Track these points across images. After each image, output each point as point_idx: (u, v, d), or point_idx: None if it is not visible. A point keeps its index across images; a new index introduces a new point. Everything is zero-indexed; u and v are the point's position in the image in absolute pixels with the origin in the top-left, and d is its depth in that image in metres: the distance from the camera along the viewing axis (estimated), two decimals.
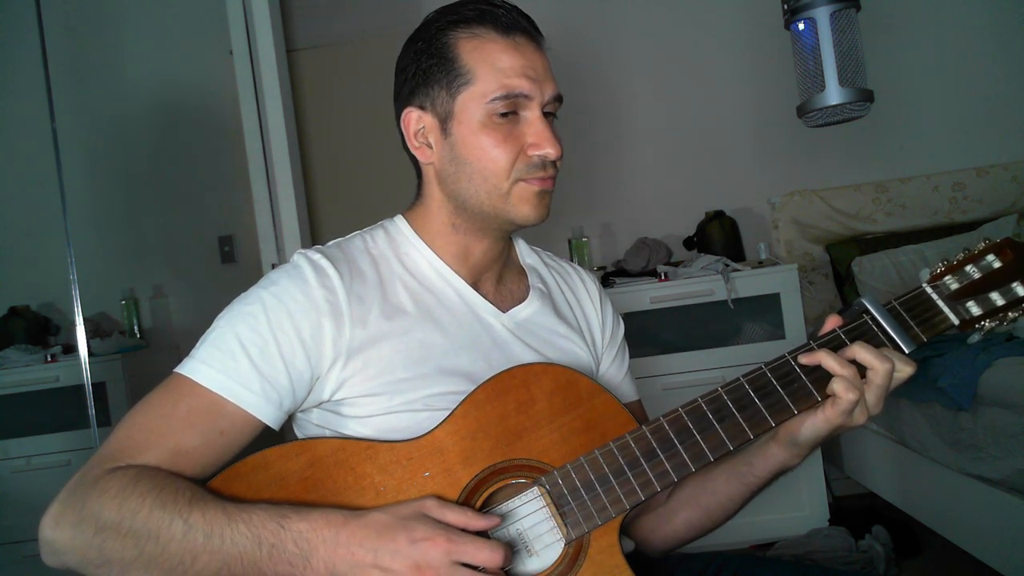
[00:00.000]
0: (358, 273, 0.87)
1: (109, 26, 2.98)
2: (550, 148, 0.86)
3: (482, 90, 0.85)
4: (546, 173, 0.88)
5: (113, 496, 0.72)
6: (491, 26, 0.87)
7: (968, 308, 0.84)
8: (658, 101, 2.95)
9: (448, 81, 0.87)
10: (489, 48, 0.86)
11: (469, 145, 0.87)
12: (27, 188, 2.88)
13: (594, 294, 1.06)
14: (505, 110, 0.86)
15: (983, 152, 2.80)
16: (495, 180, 0.87)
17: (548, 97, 0.88)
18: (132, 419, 0.79)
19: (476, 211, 0.89)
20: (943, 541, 1.97)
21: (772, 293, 2.45)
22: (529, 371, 0.83)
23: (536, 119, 0.87)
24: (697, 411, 0.81)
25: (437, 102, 0.88)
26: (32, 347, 2.63)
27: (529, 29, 0.89)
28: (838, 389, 0.79)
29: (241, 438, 0.80)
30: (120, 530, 0.71)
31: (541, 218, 0.90)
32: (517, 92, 0.85)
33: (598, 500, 0.79)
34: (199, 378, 0.79)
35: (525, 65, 0.86)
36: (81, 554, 0.72)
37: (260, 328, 0.81)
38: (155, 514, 0.71)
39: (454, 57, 0.87)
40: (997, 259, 0.85)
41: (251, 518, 0.72)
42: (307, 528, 0.71)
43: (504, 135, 0.86)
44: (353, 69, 3.02)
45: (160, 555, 0.71)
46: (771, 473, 0.88)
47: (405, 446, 0.80)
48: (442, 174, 0.90)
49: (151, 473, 0.74)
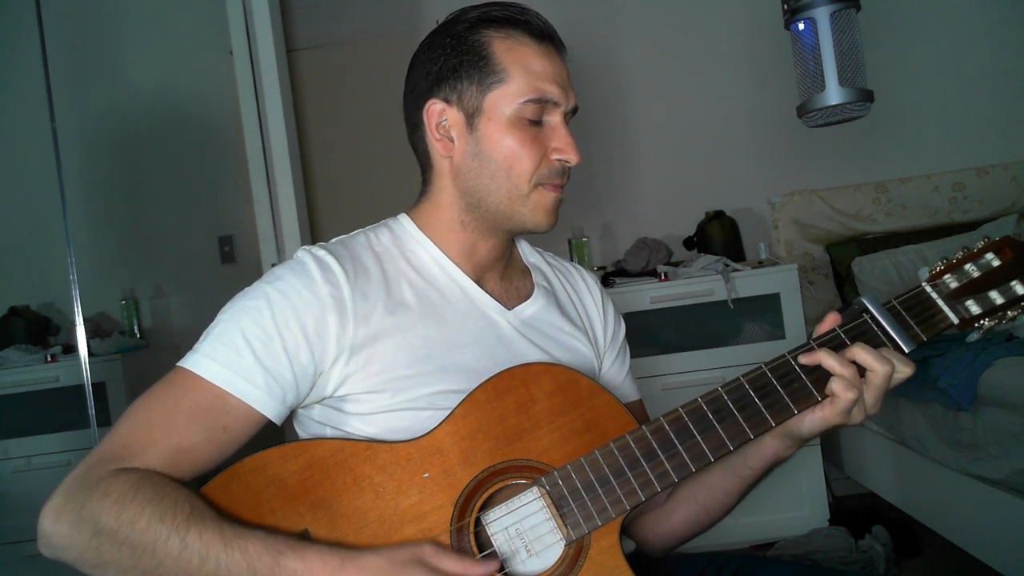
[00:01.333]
0: (362, 269, 0.88)
1: (109, 26, 2.98)
2: (573, 155, 0.89)
3: (515, 90, 0.87)
4: (562, 180, 0.91)
5: (114, 501, 0.72)
6: (525, 30, 0.89)
7: (967, 307, 0.84)
8: (658, 101, 2.95)
9: (480, 77, 0.88)
10: (524, 51, 0.88)
11: (495, 142, 0.88)
12: (27, 188, 2.88)
13: (596, 294, 1.06)
14: (534, 116, 0.88)
15: (983, 152, 2.80)
16: (517, 180, 0.88)
17: (571, 106, 0.91)
18: (135, 414, 0.79)
19: (491, 209, 0.90)
20: (943, 541, 1.97)
21: (772, 293, 2.45)
22: (529, 371, 0.83)
23: (561, 125, 0.90)
24: (697, 411, 0.81)
25: (465, 96, 0.89)
26: (32, 347, 2.63)
27: (557, 39, 0.92)
28: (837, 389, 0.79)
29: (243, 434, 0.80)
30: (117, 537, 0.71)
31: (551, 226, 0.92)
32: (548, 97, 0.88)
33: (598, 501, 0.78)
34: (203, 372, 0.79)
35: (556, 72, 0.89)
36: (78, 552, 0.72)
37: (264, 323, 0.81)
38: (153, 527, 0.71)
39: (488, 55, 0.88)
40: (996, 257, 0.85)
41: (247, 546, 0.71)
42: (302, 568, 0.71)
43: (531, 137, 0.88)
44: (353, 69, 3.02)
45: (156, 568, 0.71)
46: (766, 465, 0.88)
47: (404, 447, 0.80)
48: (460, 168, 0.91)
49: (152, 480, 0.74)
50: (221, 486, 0.78)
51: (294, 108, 2.67)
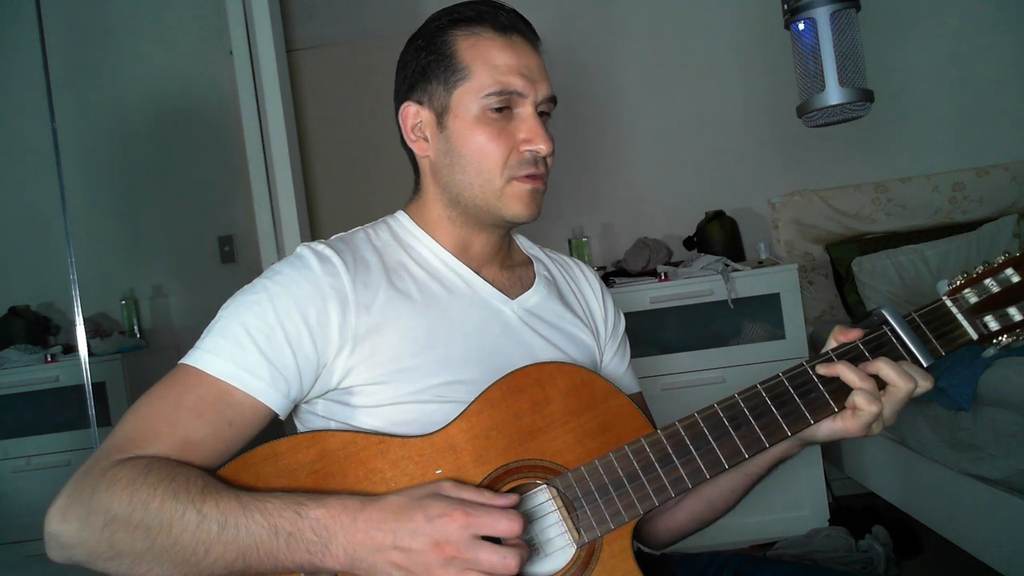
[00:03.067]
0: (362, 261, 0.88)
1: (109, 26, 2.97)
2: (542, 144, 0.88)
3: (477, 85, 0.88)
4: (537, 170, 0.90)
5: (123, 487, 0.71)
6: (489, 25, 0.89)
7: (986, 322, 0.83)
8: (658, 101, 2.95)
9: (446, 77, 0.89)
10: (486, 46, 0.89)
11: (463, 139, 0.89)
12: (27, 188, 2.88)
13: (595, 287, 1.07)
14: (499, 105, 0.88)
15: (983, 152, 2.80)
16: (488, 175, 0.88)
17: (542, 96, 0.90)
18: (138, 410, 0.78)
19: (469, 204, 0.91)
20: (943, 541, 1.97)
21: (772, 293, 2.45)
22: (544, 370, 0.82)
23: (529, 116, 0.89)
24: (713, 418, 0.80)
25: (434, 97, 0.91)
26: (32, 347, 2.62)
27: (526, 31, 0.92)
28: (860, 402, 0.78)
29: (250, 428, 0.80)
30: (131, 522, 0.70)
31: (532, 216, 0.91)
32: (511, 89, 0.88)
33: (612, 504, 0.78)
34: (207, 367, 0.78)
35: (520, 64, 0.89)
36: (90, 547, 0.71)
37: (266, 316, 0.81)
38: (167, 504, 0.70)
39: (452, 54, 0.89)
40: (1016, 273, 0.83)
41: (266, 507, 0.71)
42: (324, 515, 0.71)
43: (498, 130, 0.88)
44: (353, 69, 3.01)
45: (172, 546, 0.70)
46: (772, 463, 0.89)
47: (417, 442, 0.79)
48: (437, 167, 0.92)
49: (161, 463, 0.74)
50: (232, 474, 0.77)
51: (294, 108, 2.67)
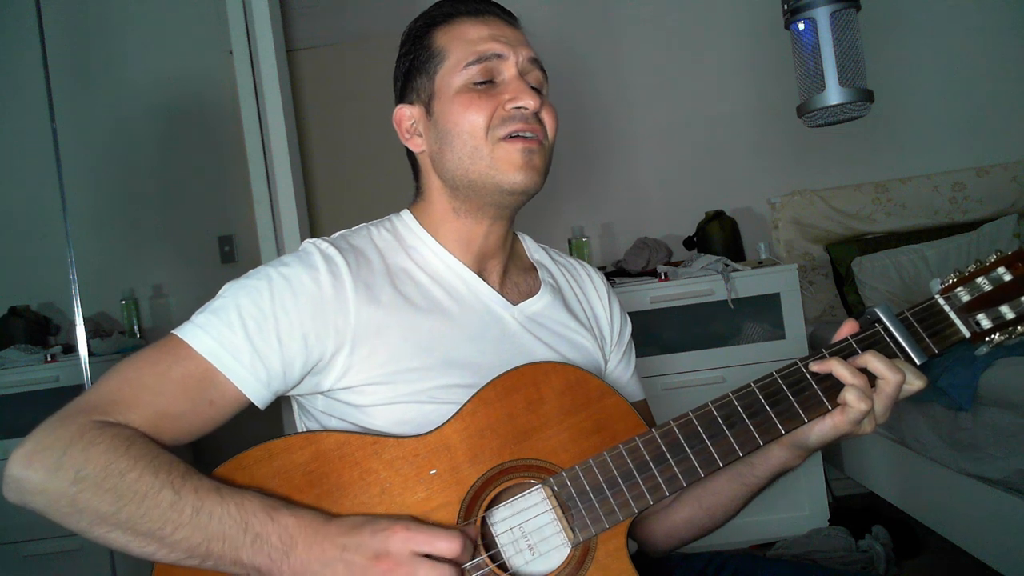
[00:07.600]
0: (365, 262, 0.88)
1: (109, 26, 2.98)
2: (527, 98, 0.87)
3: (455, 62, 0.89)
4: (527, 125, 0.88)
5: (102, 452, 0.71)
6: (463, 12, 0.92)
7: (979, 321, 0.83)
8: (658, 101, 2.95)
9: (427, 67, 0.91)
10: (460, 28, 0.91)
11: (449, 115, 0.89)
12: (27, 188, 2.88)
13: (602, 292, 1.06)
14: (482, 79, 0.89)
15: (983, 152, 2.80)
16: (473, 142, 0.88)
17: (523, 57, 0.90)
18: (123, 372, 0.79)
19: (465, 183, 0.90)
20: (943, 541, 1.97)
21: (772, 293, 2.45)
22: (539, 369, 0.82)
23: (513, 77, 0.89)
24: (707, 416, 0.80)
25: (421, 90, 0.93)
26: (32, 347, 2.62)
27: (500, 13, 0.93)
28: (850, 399, 0.78)
29: (229, 411, 0.81)
30: (103, 485, 0.70)
31: (531, 181, 0.88)
32: (489, 54, 0.89)
33: (606, 503, 0.78)
34: (193, 341, 0.79)
35: (495, 32, 0.90)
36: (51, 498, 0.71)
37: (262, 303, 0.81)
38: (145, 478, 0.71)
39: (430, 45, 0.92)
40: (1008, 272, 0.83)
41: (243, 502, 0.72)
42: (294, 524, 0.72)
43: (479, 96, 0.88)
44: (353, 69, 3.02)
45: (140, 518, 0.70)
46: (772, 474, 0.88)
47: (412, 442, 0.79)
48: (434, 156, 0.93)
49: (146, 441, 0.75)
50: (226, 476, 0.77)
51: (294, 108, 2.67)
